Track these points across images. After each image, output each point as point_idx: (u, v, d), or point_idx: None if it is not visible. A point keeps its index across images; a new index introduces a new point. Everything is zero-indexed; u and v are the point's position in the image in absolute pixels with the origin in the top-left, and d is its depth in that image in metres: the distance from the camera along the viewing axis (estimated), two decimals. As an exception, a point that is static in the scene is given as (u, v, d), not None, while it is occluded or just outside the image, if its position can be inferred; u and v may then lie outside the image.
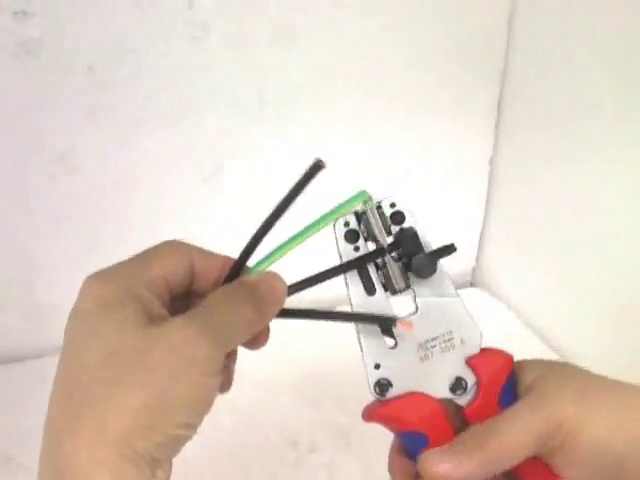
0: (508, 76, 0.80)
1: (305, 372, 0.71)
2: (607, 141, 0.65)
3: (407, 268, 0.36)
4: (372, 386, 0.37)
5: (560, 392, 0.34)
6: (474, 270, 0.93)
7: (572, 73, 0.69)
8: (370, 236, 0.36)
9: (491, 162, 0.86)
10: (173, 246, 0.35)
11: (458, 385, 0.36)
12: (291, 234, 0.34)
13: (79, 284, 0.33)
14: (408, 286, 0.36)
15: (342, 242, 0.37)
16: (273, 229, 0.34)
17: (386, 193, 0.37)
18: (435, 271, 0.36)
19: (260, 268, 0.34)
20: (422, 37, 0.75)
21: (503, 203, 0.87)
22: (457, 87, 0.79)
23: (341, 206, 0.35)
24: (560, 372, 0.36)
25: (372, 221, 0.36)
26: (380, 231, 0.36)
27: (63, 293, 0.73)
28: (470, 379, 0.36)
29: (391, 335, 0.37)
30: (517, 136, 0.82)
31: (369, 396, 0.37)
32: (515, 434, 0.33)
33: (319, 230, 0.35)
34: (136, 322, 0.30)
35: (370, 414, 0.37)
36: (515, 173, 0.84)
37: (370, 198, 0.35)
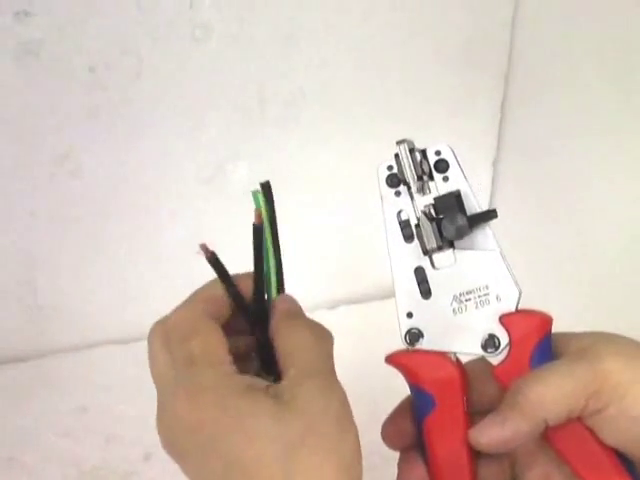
0: (511, 78, 0.80)
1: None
2: (610, 143, 0.65)
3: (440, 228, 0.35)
4: (403, 335, 0.36)
5: (606, 347, 0.33)
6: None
7: (575, 75, 0.69)
8: (403, 180, 0.36)
9: (494, 164, 0.86)
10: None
11: (490, 343, 0.35)
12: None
13: (80, 285, 0.33)
14: (440, 247, 0.35)
15: (384, 186, 0.37)
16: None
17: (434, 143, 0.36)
18: (467, 234, 0.35)
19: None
20: (425, 39, 0.75)
21: (506, 205, 0.87)
22: (460, 89, 0.79)
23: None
24: (607, 336, 0.35)
25: (404, 162, 0.35)
26: (412, 174, 0.35)
27: (64, 294, 0.74)
28: (503, 338, 0.35)
29: (426, 284, 0.36)
30: (520, 138, 0.81)
31: (369, 397, 0.37)
32: (558, 382, 0.32)
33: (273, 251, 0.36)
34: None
35: (392, 358, 0.37)
36: (518, 175, 0.83)
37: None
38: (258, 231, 0.35)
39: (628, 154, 0.63)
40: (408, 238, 0.36)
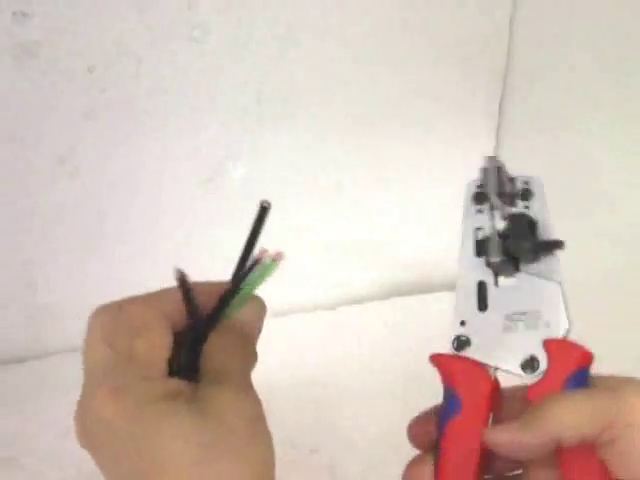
0: (509, 78, 0.80)
1: (306, 374, 0.71)
2: (608, 142, 0.65)
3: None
4: (452, 340, 0.37)
5: (633, 386, 0.34)
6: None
7: (573, 75, 0.69)
8: (488, 199, 0.38)
9: (492, 163, 0.86)
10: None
11: (529, 364, 0.36)
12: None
13: (79, 285, 0.33)
14: (504, 262, 0.37)
15: (469, 201, 0.38)
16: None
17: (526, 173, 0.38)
18: (532, 260, 0.36)
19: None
20: (423, 37, 0.75)
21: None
22: (458, 89, 0.79)
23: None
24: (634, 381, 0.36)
25: (489, 176, 0.37)
26: (494, 188, 0.37)
27: (63, 294, 0.74)
28: (543, 362, 0.36)
29: (485, 298, 0.38)
30: (518, 138, 0.82)
31: (369, 399, 0.37)
32: (578, 405, 0.33)
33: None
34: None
35: (435, 358, 0.38)
36: (517, 172, 0.83)
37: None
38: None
39: (628, 147, 0.63)
40: (479, 253, 0.38)
